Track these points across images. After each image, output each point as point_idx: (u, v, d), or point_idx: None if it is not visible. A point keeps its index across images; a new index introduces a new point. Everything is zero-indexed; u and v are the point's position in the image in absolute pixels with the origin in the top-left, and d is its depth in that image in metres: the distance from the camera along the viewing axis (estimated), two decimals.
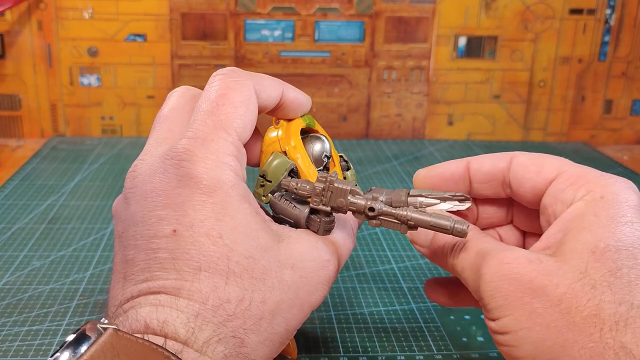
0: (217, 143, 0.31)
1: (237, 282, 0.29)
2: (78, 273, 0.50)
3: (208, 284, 0.29)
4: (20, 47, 0.81)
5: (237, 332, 0.29)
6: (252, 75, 0.34)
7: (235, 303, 0.29)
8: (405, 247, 0.56)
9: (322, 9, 0.83)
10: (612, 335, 0.26)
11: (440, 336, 0.43)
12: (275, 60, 0.84)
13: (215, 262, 0.29)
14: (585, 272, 0.28)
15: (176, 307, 0.28)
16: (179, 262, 0.29)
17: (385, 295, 0.48)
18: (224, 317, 0.28)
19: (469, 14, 0.85)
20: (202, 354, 0.27)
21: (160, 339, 0.27)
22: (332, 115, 0.87)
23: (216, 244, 0.29)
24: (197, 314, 0.28)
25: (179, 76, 0.84)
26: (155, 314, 0.28)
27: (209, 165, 0.30)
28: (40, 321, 0.44)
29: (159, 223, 0.30)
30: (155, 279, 0.29)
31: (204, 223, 0.29)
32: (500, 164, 0.34)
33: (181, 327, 0.28)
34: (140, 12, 0.81)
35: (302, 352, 0.41)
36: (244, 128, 0.32)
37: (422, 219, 0.31)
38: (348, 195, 0.32)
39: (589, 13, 0.85)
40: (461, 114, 0.88)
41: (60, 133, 0.85)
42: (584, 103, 0.89)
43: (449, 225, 0.30)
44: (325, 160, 0.36)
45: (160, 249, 0.29)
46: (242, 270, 0.29)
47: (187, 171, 0.30)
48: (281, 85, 0.36)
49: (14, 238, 0.56)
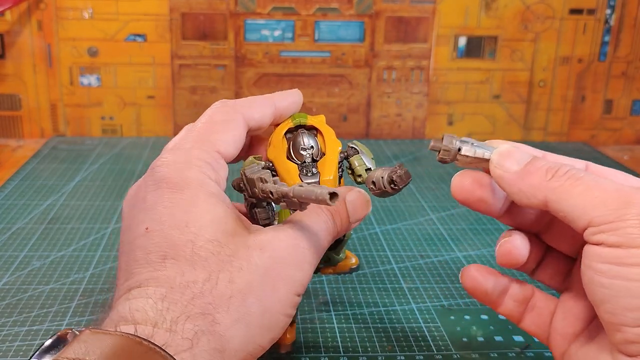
0: (189, 150, 0.34)
1: (203, 264, 0.30)
2: (78, 273, 0.50)
3: (175, 269, 0.30)
4: (20, 47, 0.81)
5: (206, 309, 0.29)
6: (240, 102, 0.37)
7: (201, 283, 0.30)
8: (405, 247, 0.56)
9: (322, 9, 0.83)
10: None
11: (440, 336, 0.43)
12: (275, 60, 0.84)
13: (181, 249, 0.30)
14: None
15: (145, 295, 0.29)
16: (150, 256, 0.31)
17: (385, 295, 0.48)
18: (191, 296, 0.29)
19: (469, 14, 0.85)
20: (172, 332, 0.28)
21: (131, 327, 0.28)
22: (332, 115, 0.87)
23: (183, 232, 0.31)
24: (164, 296, 0.29)
25: (179, 76, 0.84)
26: (128, 306, 0.29)
27: (179, 167, 0.33)
28: (40, 321, 0.44)
29: (137, 226, 0.32)
30: (132, 277, 0.31)
31: (173, 216, 0.31)
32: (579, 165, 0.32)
33: (150, 310, 0.28)
34: (140, 12, 0.81)
35: (302, 352, 0.41)
36: (224, 142, 0.35)
37: (299, 191, 0.31)
38: (258, 184, 0.34)
39: (589, 13, 0.85)
40: (461, 113, 0.88)
41: (60, 133, 0.85)
42: (584, 103, 0.89)
43: (314, 196, 0.30)
44: (304, 153, 0.37)
45: (137, 248, 0.31)
46: (207, 253, 0.31)
47: (160, 175, 0.33)
48: (272, 101, 0.38)
49: (14, 238, 0.56)
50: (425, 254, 0.55)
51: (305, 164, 0.37)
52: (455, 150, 0.33)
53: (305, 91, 0.85)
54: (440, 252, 0.55)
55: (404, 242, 0.57)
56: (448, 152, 0.33)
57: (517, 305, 0.35)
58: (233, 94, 0.85)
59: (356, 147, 0.39)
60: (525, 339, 0.43)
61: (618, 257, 0.27)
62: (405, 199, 0.67)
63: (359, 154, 0.38)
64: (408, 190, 0.69)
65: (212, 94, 0.84)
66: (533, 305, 0.35)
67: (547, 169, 0.30)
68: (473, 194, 0.33)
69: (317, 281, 0.50)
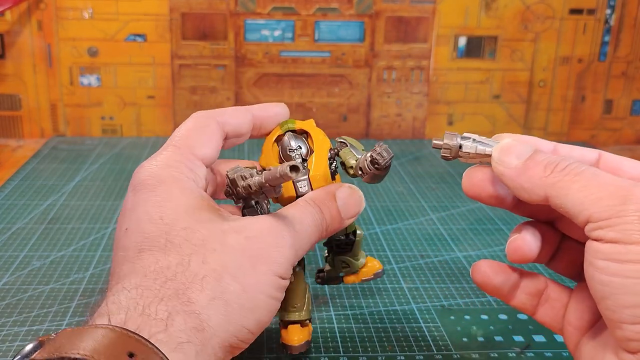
0: (167, 155, 0.36)
1: (176, 250, 0.31)
2: (78, 273, 0.50)
3: (149, 259, 0.31)
4: (20, 47, 0.81)
5: (179, 289, 0.30)
6: (213, 110, 0.39)
7: (174, 267, 0.31)
8: (405, 247, 0.56)
9: (322, 9, 0.83)
10: None
11: (440, 336, 0.43)
12: (275, 60, 0.84)
13: (155, 240, 0.32)
14: None
15: (122, 287, 0.30)
16: (128, 253, 0.32)
17: (385, 295, 0.48)
18: (164, 280, 0.30)
19: (469, 14, 0.85)
20: (144, 316, 0.28)
21: (105, 318, 0.28)
22: (332, 115, 0.87)
23: (157, 224, 0.32)
24: (138, 285, 0.30)
25: (179, 76, 0.84)
26: (105, 302, 0.30)
27: (153, 169, 0.35)
28: (40, 321, 0.44)
29: (120, 229, 0.34)
30: (114, 277, 0.32)
31: (149, 213, 0.33)
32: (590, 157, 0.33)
33: (124, 300, 0.29)
34: (140, 12, 0.81)
35: (302, 352, 0.41)
36: (200, 145, 0.37)
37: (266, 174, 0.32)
38: (240, 182, 0.34)
39: (589, 13, 0.86)
40: (461, 113, 0.88)
41: (60, 133, 0.85)
42: (584, 103, 0.89)
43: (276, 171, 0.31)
44: (292, 154, 0.38)
45: (119, 250, 0.33)
46: (181, 240, 0.32)
47: (136, 179, 0.35)
48: (247, 109, 0.40)
49: (14, 238, 0.56)
50: (425, 254, 0.55)
51: None
52: (457, 147, 0.33)
53: (305, 91, 0.85)
54: (440, 252, 0.55)
55: (404, 242, 0.57)
56: (449, 149, 0.33)
57: (530, 298, 0.35)
58: (233, 94, 0.85)
59: (345, 141, 0.39)
60: (525, 339, 0.43)
61: (616, 254, 0.27)
62: (405, 199, 0.67)
63: (347, 147, 0.39)
64: (408, 190, 0.69)
65: (212, 94, 0.84)
66: (547, 297, 0.35)
67: (547, 163, 0.30)
68: (483, 190, 0.33)
69: None
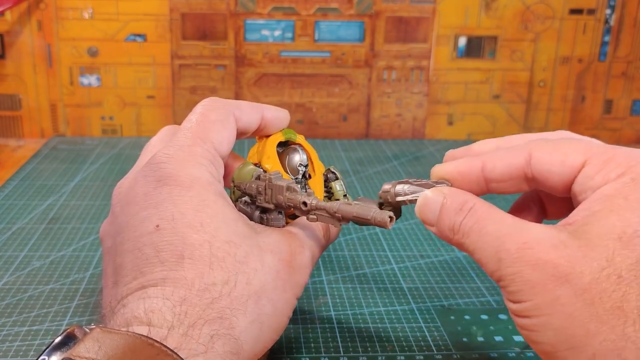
0: (193, 148, 0.34)
1: (221, 265, 0.30)
2: (78, 273, 0.50)
3: (193, 270, 0.30)
4: (20, 47, 0.81)
5: (224, 312, 0.29)
6: (231, 102, 0.38)
7: (220, 285, 0.30)
8: (405, 247, 0.56)
9: (322, 9, 0.83)
10: (635, 329, 0.25)
11: (440, 336, 0.43)
12: (275, 60, 0.84)
13: (198, 249, 0.30)
14: (611, 260, 0.26)
15: (162, 295, 0.29)
16: (163, 254, 0.30)
17: (385, 295, 0.48)
18: (210, 300, 0.29)
19: (469, 14, 0.85)
20: (186, 337, 0.27)
21: (144, 328, 0.27)
22: (332, 115, 0.87)
23: (198, 232, 0.31)
24: (184, 299, 0.29)
25: (179, 76, 0.84)
26: (143, 305, 0.28)
27: (185, 165, 0.33)
28: (40, 321, 0.44)
29: (143, 223, 0.31)
30: (142, 275, 0.30)
31: (185, 215, 0.31)
32: (518, 161, 0.32)
33: (168, 313, 0.28)
34: (140, 12, 0.81)
35: (302, 352, 0.41)
36: (221, 141, 0.35)
37: (347, 210, 0.32)
38: (285, 192, 0.34)
39: (589, 13, 0.86)
40: (461, 113, 0.88)
41: (60, 133, 0.85)
42: (584, 103, 0.89)
43: (370, 215, 0.31)
44: (300, 169, 0.38)
45: (146, 246, 0.30)
46: (224, 254, 0.30)
47: (165, 172, 0.32)
48: (260, 108, 0.39)
49: (14, 238, 0.56)
50: (425, 254, 0.55)
51: (299, 180, 0.39)
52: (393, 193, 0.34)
53: (305, 91, 0.85)
54: (440, 252, 0.55)
55: (404, 242, 0.57)
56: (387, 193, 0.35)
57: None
58: (233, 94, 0.85)
59: (335, 172, 0.41)
60: None
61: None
62: None
63: (339, 180, 0.41)
64: None
65: (212, 94, 0.84)
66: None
67: (448, 225, 0.31)
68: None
69: (317, 281, 0.50)
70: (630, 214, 0.27)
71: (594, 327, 0.26)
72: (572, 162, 0.30)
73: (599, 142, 0.31)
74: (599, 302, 0.26)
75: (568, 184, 0.30)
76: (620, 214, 0.27)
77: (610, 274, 0.26)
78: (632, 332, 0.25)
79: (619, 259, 0.26)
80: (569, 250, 0.27)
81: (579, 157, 0.30)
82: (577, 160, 0.30)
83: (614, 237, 0.27)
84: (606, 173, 0.29)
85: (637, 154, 0.29)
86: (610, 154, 0.29)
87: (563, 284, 0.27)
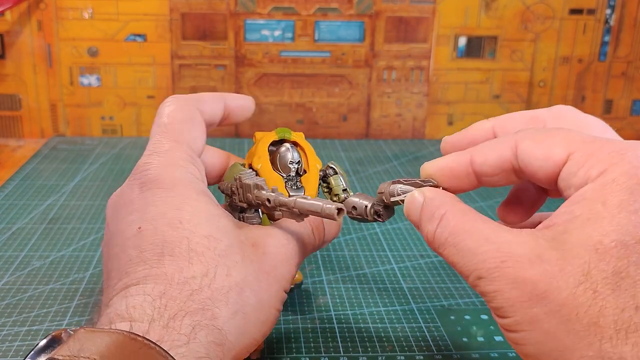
0: (171, 152, 0.35)
1: (200, 260, 0.31)
2: (78, 273, 0.50)
3: (172, 265, 0.30)
4: (20, 47, 0.81)
5: (205, 304, 0.30)
6: (192, 96, 0.39)
7: (200, 278, 0.30)
8: (405, 247, 0.56)
9: (322, 9, 0.83)
10: (612, 344, 0.25)
11: (440, 336, 0.43)
12: (275, 60, 0.84)
13: (177, 246, 0.31)
14: (587, 274, 0.26)
15: (143, 292, 0.29)
16: (145, 254, 0.31)
17: (385, 295, 0.48)
18: (190, 292, 0.30)
19: (469, 14, 0.85)
20: (168, 328, 0.28)
21: (126, 324, 0.28)
22: (332, 115, 0.87)
23: (177, 229, 0.32)
24: (163, 293, 0.29)
25: (179, 76, 0.84)
26: (125, 303, 0.29)
27: (167, 168, 0.34)
28: (40, 321, 0.44)
29: (128, 227, 0.33)
30: (127, 275, 0.31)
31: (165, 214, 0.32)
32: (506, 153, 0.31)
33: (148, 307, 0.29)
34: (140, 12, 0.81)
35: (302, 352, 0.41)
36: (194, 140, 0.37)
37: (302, 205, 0.33)
38: (253, 190, 0.35)
39: (589, 13, 0.86)
40: (461, 113, 0.88)
41: (60, 133, 0.85)
42: (584, 103, 0.89)
43: (321, 209, 0.32)
44: (291, 167, 0.39)
45: (130, 248, 0.32)
46: (203, 249, 0.31)
47: (148, 178, 0.34)
48: (222, 97, 0.40)
49: (14, 238, 0.56)
50: (425, 254, 0.55)
51: (291, 177, 0.39)
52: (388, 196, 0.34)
53: (305, 91, 0.85)
54: None
55: (404, 242, 0.57)
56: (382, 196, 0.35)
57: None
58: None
59: (335, 167, 0.41)
60: None
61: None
62: None
63: (337, 175, 0.41)
64: None
65: None
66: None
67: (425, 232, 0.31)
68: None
69: (317, 281, 0.50)
70: (608, 222, 0.26)
71: (571, 343, 0.26)
72: (556, 157, 0.29)
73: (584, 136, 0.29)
74: (575, 318, 0.26)
75: (553, 178, 0.30)
76: (597, 222, 0.26)
77: (587, 288, 0.25)
78: (609, 348, 0.25)
79: (595, 272, 0.26)
80: (546, 265, 0.26)
81: (562, 151, 0.29)
82: (560, 154, 0.29)
83: (590, 248, 0.26)
84: (588, 170, 0.28)
85: (620, 148, 0.28)
86: (593, 148, 0.28)
87: (540, 301, 0.26)
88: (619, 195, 0.26)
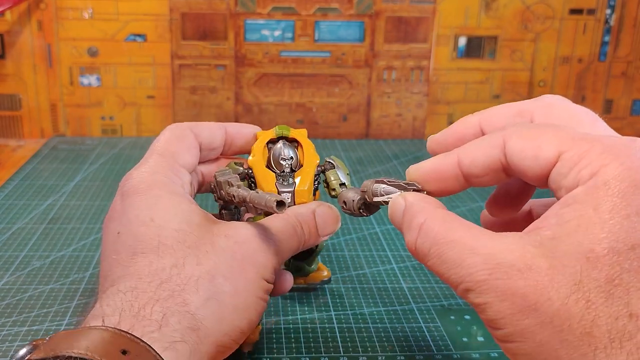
0: (149, 161, 0.38)
1: (169, 252, 0.32)
2: (78, 273, 0.50)
3: (143, 262, 0.32)
4: (20, 47, 0.81)
5: (174, 291, 0.31)
6: (188, 123, 0.41)
7: (169, 269, 0.32)
8: (405, 247, 0.56)
9: (322, 9, 0.83)
10: (606, 354, 0.24)
11: (440, 336, 0.43)
12: (275, 60, 0.84)
13: (148, 242, 0.33)
14: (579, 284, 0.25)
15: (117, 290, 0.31)
16: (120, 256, 0.33)
17: (385, 295, 0.48)
18: (159, 282, 0.31)
19: (469, 14, 0.85)
20: (138, 317, 0.29)
21: (99, 320, 0.29)
22: (332, 115, 0.87)
23: (149, 227, 0.33)
24: (134, 287, 0.31)
25: (179, 76, 0.84)
26: (100, 304, 0.30)
27: (142, 175, 0.36)
28: (40, 321, 0.44)
29: (111, 235, 0.35)
30: (106, 280, 0.33)
31: (138, 215, 0.34)
32: (494, 152, 0.29)
33: (119, 302, 0.30)
34: (140, 12, 0.81)
35: (302, 352, 0.41)
36: (179, 153, 0.39)
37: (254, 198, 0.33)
38: (225, 187, 0.36)
39: (589, 13, 0.86)
40: (461, 113, 0.88)
41: (60, 133, 0.85)
42: (584, 103, 0.89)
43: (264, 202, 0.32)
44: (284, 163, 0.40)
45: (111, 254, 0.34)
46: (173, 242, 0.33)
47: (127, 188, 0.36)
48: (222, 124, 0.42)
49: (14, 238, 0.56)
50: None
51: (284, 174, 0.40)
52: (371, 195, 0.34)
53: (305, 91, 0.85)
54: None
55: (404, 242, 0.57)
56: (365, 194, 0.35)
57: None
58: (233, 94, 0.85)
59: (333, 162, 0.41)
60: None
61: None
62: None
63: (334, 169, 0.41)
64: None
65: (212, 94, 0.84)
66: None
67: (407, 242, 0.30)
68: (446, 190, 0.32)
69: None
70: (600, 229, 0.25)
71: (565, 354, 0.25)
72: (546, 156, 0.28)
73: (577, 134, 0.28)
74: (568, 329, 0.25)
75: (543, 178, 0.28)
76: (588, 229, 0.25)
77: (579, 298, 0.25)
78: (603, 358, 0.24)
79: (586, 281, 0.25)
80: (536, 275, 0.25)
81: (552, 150, 0.28)
82: (550, 154, 0.28)
83: (581, 257, 0.25)
84: (579, 171, 0.26)
85: (612, 147, 0.27)
86: (584, 148, 0.27)
87: (531, 313, 0.25)
88: (610, 200, 0.25)
